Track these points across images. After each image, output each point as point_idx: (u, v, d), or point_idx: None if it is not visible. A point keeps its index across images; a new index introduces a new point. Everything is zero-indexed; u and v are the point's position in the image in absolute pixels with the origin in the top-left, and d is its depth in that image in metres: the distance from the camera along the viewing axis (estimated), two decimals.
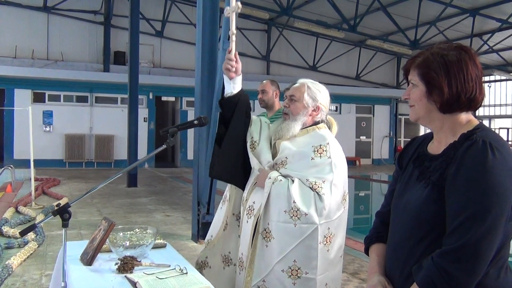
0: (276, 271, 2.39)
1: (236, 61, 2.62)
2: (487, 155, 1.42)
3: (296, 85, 2.65)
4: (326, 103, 2.63)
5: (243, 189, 2.73)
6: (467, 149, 1.47)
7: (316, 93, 2.60)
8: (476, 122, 1.59)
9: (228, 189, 3.13)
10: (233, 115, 2.65)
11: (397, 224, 1.68)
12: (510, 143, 21.72)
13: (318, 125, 2.60)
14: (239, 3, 2.64)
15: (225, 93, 2.69)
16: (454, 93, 1.52)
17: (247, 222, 2.55)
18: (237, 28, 2.76)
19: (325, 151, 2.45)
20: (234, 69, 2.62)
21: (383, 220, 1.83)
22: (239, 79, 2.66)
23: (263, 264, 2.44)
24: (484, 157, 1.43)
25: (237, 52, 2.63)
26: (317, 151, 2.46)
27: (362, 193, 14.63)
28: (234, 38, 2.65)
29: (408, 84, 1.66)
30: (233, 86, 2.65)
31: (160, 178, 14.43)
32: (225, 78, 2.67)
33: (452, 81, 1.52)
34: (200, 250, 5.84)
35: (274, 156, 2.60)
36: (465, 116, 1.59)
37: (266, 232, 2.44)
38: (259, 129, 2.73)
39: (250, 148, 2.68)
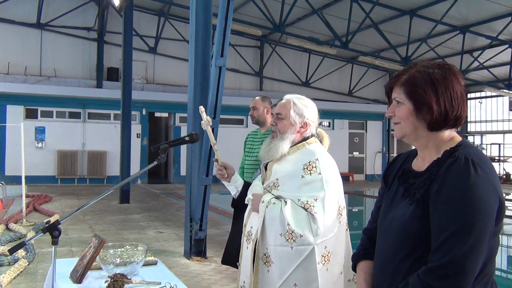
0: None
1: (226, 168, 2.79)
2: (469, 171, 1.44)
3: (282, 102, 2.60)
4: (314, 118, 2.57)
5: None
6: (450, 166, 1.48)
7: (303, 109, 2.54)
8: (459, 138, 1.60)
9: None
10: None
11: (383, 241, 1.68)
12: (501, 158, 21.81)
13: (308, 140, 2.53)
14: (209, 118, 2.85)
15: (232, 194, 2.86)
16: (443, 111, 1.54)
17: (247, 248, 2.49)
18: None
19: (315, 167, 2.39)
20: (226, 176, 2.78)
21: (370, 237, 1.83)
22: (235, 177, 2.82)
23: None
24: (466, 174, 1.44)
25: (224, 162, 2.81)
26: (307, 168, 2.39)
27: (355, 209, 14.62)
28: (217, 147, 2.84)
29: (390, 102, 1.67)
30: (235, 186, 2.82)
31: (153, 194, 14.36)
32: (224, 183, 2.84)
33: (440, 99, 1.54)
34: (192, 267, 5.81)
35: (266, 179, 2.57)
36: (448, 133, 1.61)
37: (266, 257, 2.38)
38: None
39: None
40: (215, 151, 2.83)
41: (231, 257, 2.97)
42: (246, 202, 2.61)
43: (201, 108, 2.88)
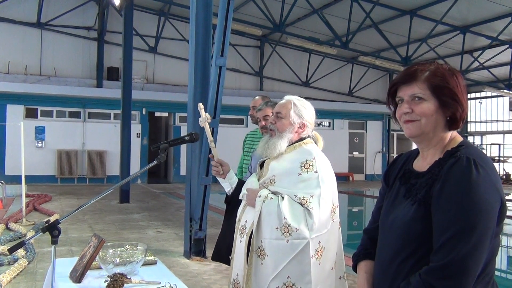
0: None
1: (222, 165, 2.87)
2: (471, 172, 1.44)
3: (282, 102, 2.67)
4: (311, 120, 2.65)
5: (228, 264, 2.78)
6: (452, 166, 1.48)
7: (302, 110, 2.62)
8: (460, 138, 1.60)
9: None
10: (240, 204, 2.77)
11: (385, 241, 1.68)
12: (501, 159, 21.81)
13: (304, 141, 2.62)
14: (208, 115, 2.91)
15: (226, 191, 2.95)
16: (465, 109, 1.56)
17: (240, 241, 2.55)
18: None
19: (312, 166, 2.47)
20: (221, 173, 2.87)
21: (370, 237, 1.83)
22: (230, 174, 2.91)
23: (259, 282, 2.43)
24: (468, 174, 1.44)
25: (219, 158, 2.88)
26: (304, 166, 2.48)
27: (355, 209, 14.62)
28: (213, 144, 2.91)
29: (391, 100, 1.66)
30: (230, 183, 2.91)
31: (153, 194, 14.36)
32: (219, 179, 2.92)
33: (464, 97, 1.56)
34: (192, 267, 5.81)
35: (262, 176, 2.62)
36: (450, 133, 1.61)
37: (260, 250, 2.44)
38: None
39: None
40: (212, 148, 2.89)
41: (222, 253, 2.98)
42: (240, 197, 2.67)
43: (200, 105, 2.92)
